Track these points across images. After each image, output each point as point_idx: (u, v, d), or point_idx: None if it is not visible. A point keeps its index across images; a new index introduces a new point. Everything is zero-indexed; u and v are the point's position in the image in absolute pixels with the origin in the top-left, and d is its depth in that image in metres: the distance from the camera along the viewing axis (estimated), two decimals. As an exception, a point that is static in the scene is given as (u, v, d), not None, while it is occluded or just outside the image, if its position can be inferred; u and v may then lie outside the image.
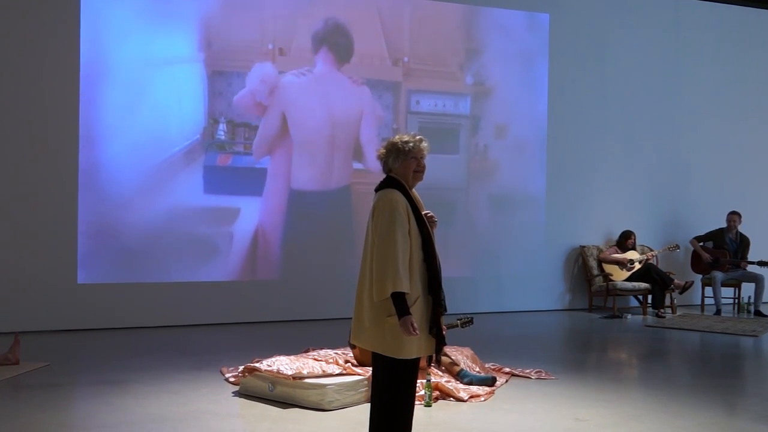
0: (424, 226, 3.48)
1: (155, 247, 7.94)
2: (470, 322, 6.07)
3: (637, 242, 9.85)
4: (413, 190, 3.58)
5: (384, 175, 3.58)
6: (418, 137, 3.54)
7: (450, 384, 5.22)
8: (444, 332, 3.51)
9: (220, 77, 8.23)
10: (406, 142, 3.51)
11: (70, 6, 7.62)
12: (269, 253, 8.46)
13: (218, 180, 8.24)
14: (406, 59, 9.04)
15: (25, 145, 7.52)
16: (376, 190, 3.54)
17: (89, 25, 7.69)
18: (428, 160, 3.60)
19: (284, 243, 8.51)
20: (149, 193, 7.94)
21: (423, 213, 3.52)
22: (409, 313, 3.31)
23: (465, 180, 9.35)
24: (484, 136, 9.47)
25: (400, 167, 3.51)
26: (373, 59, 8.89)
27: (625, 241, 9.71)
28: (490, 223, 9.47)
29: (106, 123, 7.78)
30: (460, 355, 5.70)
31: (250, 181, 8.37)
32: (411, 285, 3.36)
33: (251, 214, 8.36)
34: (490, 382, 5.40)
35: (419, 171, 3.55)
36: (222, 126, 8.24)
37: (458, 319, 6.01)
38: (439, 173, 8.66)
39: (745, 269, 9.85)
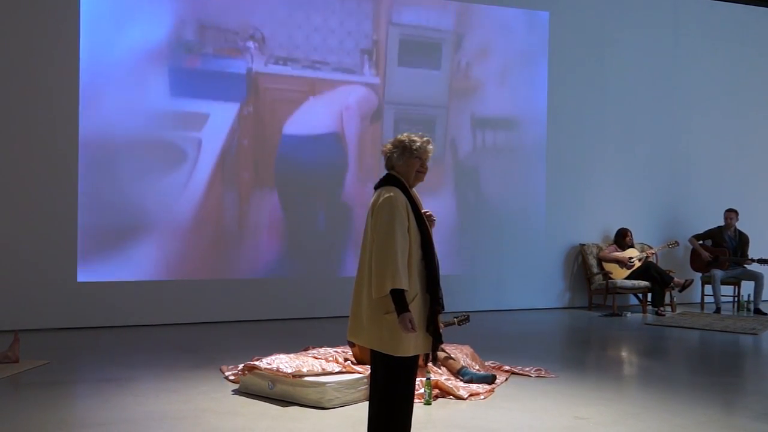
0: (424, 225, 3.48)
1: (155, 246, 7.94)
2: (467, 319, 6.13)
3: (636, 240, 9.85)
4: (413, 189, 3.58)
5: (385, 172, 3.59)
6: (425, 138, 3.56)
7: (450, 382, 5.22)
8: (441, 330, 3.51)
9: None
10: (414, 141, 3.52)
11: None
12: (269, 250, 8.45)
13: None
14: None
15: (25, 143, 7.51)
16: (376, 187, 3.54)
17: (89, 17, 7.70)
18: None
19: (284, 240, 8.51)
20: (150, 194, 7.93)
21: (422, 212, 3.53)
22: (408, 310, 3.32)
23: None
24: (485, 137, 9.48)
25: (404, 165, 3.52)
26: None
27: (622, 239, 9.71)
28: (490, 221, 9.45)
29: (106, 122, 7.77)
30: (459, 353, 5.71)
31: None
32: (410, 283, 3.36)
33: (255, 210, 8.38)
34: (490, 380, 5.40)
35: (422, 172, 3.56)
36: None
37: (455, 317, 6.08)
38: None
39: (745, 267, 9.84)
